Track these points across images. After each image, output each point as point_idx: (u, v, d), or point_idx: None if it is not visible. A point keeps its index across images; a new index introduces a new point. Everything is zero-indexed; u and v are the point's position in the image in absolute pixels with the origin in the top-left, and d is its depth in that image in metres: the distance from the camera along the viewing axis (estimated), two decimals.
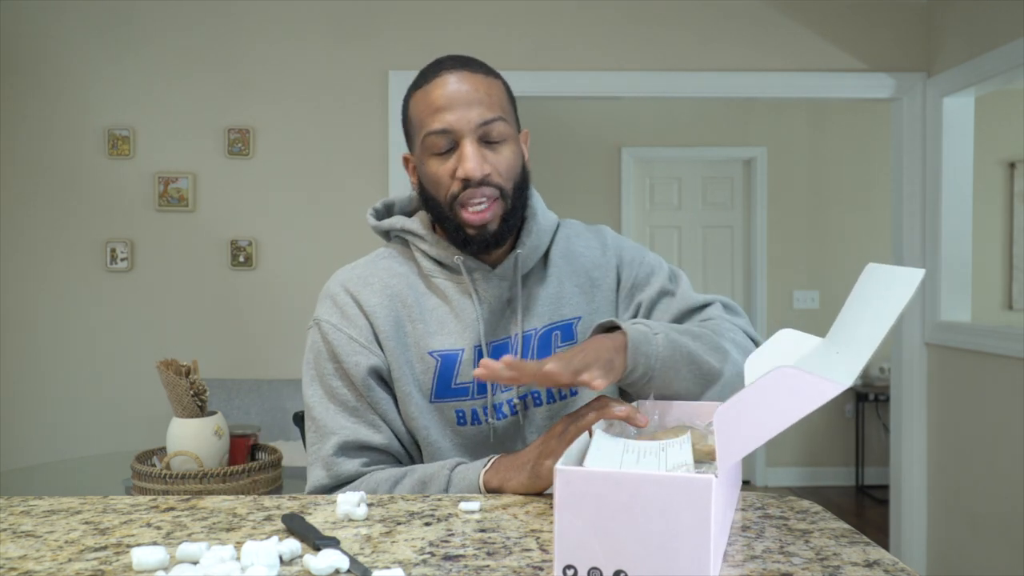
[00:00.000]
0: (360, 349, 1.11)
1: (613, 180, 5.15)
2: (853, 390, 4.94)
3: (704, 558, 0.64)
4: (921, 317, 3.29)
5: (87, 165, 3.14)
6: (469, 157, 1.07)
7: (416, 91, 1.13)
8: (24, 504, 0.93)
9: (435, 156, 1.10)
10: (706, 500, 0.63)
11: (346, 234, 3.13)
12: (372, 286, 1.15)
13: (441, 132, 1.08)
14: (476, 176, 1.07)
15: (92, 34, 3.14)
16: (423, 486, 1.03)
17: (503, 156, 1.10)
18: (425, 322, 1.13)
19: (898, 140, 3.34)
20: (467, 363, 1.11)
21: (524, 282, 1.17)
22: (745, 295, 5.30)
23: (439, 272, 1.15)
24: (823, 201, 5.17)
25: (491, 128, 1.08)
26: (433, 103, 1.09)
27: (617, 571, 0.65)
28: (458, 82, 1.09)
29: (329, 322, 1.14)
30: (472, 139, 1.08)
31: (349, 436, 1.09)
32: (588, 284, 1.20)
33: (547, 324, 1.16)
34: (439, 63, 1.12)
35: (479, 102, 1.08)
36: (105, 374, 3.15)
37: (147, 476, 1.61)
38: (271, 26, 3.16)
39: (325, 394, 1.12)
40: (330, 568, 0.70)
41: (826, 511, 0.90)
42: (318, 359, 1.14)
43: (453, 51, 1.33)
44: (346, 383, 1.11)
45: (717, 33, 3.22)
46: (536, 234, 1.17)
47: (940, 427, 3.23)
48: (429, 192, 1.13)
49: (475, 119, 1.07)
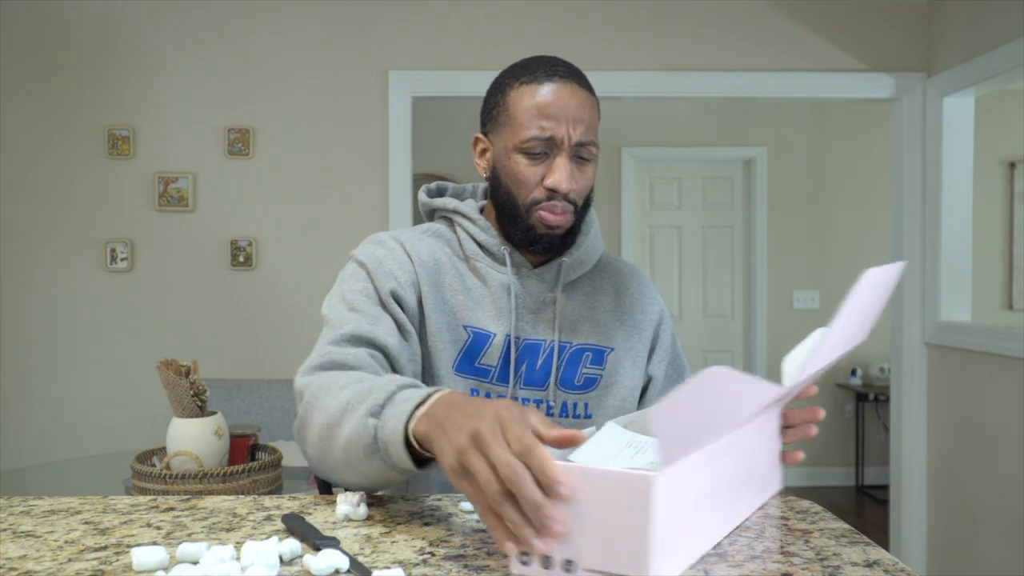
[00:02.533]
0: (393, 278, 1.11)
1: (613, 180, 5.15)
2: (853, 390, 4.95)
3: (643, 556, 0.64)
4: (921, 317, 3.29)
5: (87, 165, 3.14)
6: (562, 172, 1.10)
7: (523, 85, 1.13)
8: (24, 504, 0.93)
9: (526, 156, 1.12)
10: (645, 498, 0.63)
11: (346, 234, 3.13)
12: (419, 245, 1.17)
13: (546, 139, 1.10)
14: (564, 191, 1.10)
15: (92, 34, 3.14)
16: (364, 395, 0.90)
17: (587, 176, 1.14)
18: (466, 296, 1.15)
19: (898, 140, 3.34)
20: (496, 347, 1.14)
21: (568, 293, 1.20)
22: (745, 295, 5.30)
23: (482, 257, 1.18)
24: (823, 201, 5.17)
25: (585, 149, 1.12)
26: (544, 107, 1.10)
27: (567, 560, 0.66)
28: (571, 95, 1.11)
29: (371, 254, 1.14)
30: (568, 154, 1.11)
31: (363, 331, 1.06)
32: (631, 324, 1.24)
33: (583, 343, 1.19)
34: (554, 66, 1.13)
35: (583, 120, 1.11)
36: (105, 374, 3.15)
37: (147, 476, 1.61)
38: (271, 26, 3.16)
39: (345, 305, 1.10)
40: (330, 568, 0.70)
41: (826, 511, 0.90)
42: (343, 281, 1.14)
43: (453, 51, 1.35)
44: (372, 299, 1.10)
45: (717, 33, 3.22)
46: (586, 249, 1.21)
47: (940, 427, 3.23)
48: (507, 187, 1.14)
49: (577, 136, 1.10)
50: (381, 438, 0.83)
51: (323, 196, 3.18)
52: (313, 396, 0.97)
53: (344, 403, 0.90)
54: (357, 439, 0.86)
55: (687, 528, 0.70)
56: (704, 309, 5.34)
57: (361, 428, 0.85)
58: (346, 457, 0.88)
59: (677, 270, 5.33)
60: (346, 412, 0.89)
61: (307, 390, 0.99)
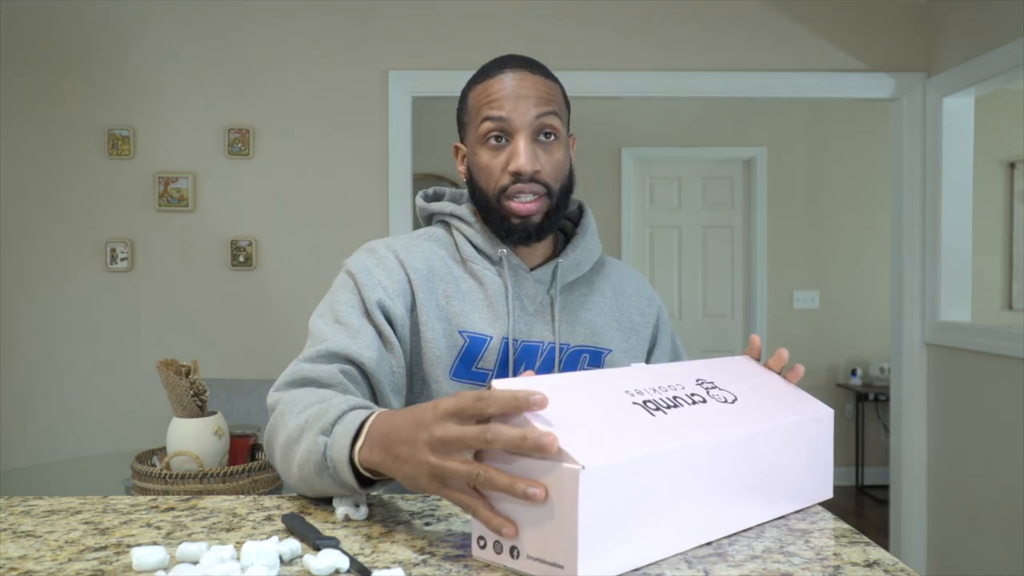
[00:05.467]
0: (381, 289, 1.11)
1: (613, 180, 5.15)
2: (853, 390, 4.95)
3: (573, 546, 0.64)
4: (921, 317, 3.29)
5: (87, 165, 3.14)
6: (522, 152, 1.10)
7: (476, 84, 1.16)
8: (24, 504, 0.93)
9: (488, 147, 1.13)
10: (572, 490, 0.64)
11: (346, 234, 3.13)
12: (415, 253, 1.17)
13: (497, 119, 1.10)
14: (527, 171, 1.10)
15: (92, 34, 3.14)
16: (321, 414, 0.91)
17: (554, 156, 1.13)
18: (461, 301, 1.15)
19: (898, 140, 3.34)
20: (493, 350, 1.13)
21: (565, 294, 1.20)
22: (745, 295, 5.30)
23: (478, 259, 1.17)
24: (823, 201, 5.17)
25: (545, 121, 1.11)
26: (492, 95, 1.12)
27: (512, 547, 0.69)
28: (521, 79, 1.12)
29: (362, 263, 1.14)
30: (526, 135, 1.11)
31: (340, 347, 1.06)
32: (628, 326, 1.25)
33: (580, 345, 1.19)
34: (502, 61, 1.16)
35: (537, 100, 1.11)
36: (105, 374, 3.15)
37: (147, 476, 1.61)
38: (271, 26, 3.16)
39: (330, 316, 1.11)
40: (330, 568, 0.70)
41: (826, 511, 0.90)
42: (333, 292, 1.14)
43: (452, 51, 1.37)
44: (357, 310, 1.10)
45: (717, 33, 3.22)
46: (582, 250, 1.21)
47: (940, 427, 3.23)
48: (478, 182, 1.15)
49: (533, 113, 1.10)
50: (330, 456, 0.85)
51: (323, 196, 3.17)
52: (280, 414, 0.99)
53: (303, 422, 0.92)
54: (310, 456, 0.88)
55: (641, 524, 0.70)
56: (704, 309, 5.34)
57: (313, 446, 0.88)
58: (301, 474, 0.90)
59: (677, 270, 5.33)
60: (304, 431, 0.91)
61: (277, 406, 1.02)
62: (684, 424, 0.78)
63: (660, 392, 0.83)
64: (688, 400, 0.84)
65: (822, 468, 0.93)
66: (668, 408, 0.81)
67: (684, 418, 0.80)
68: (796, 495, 0.89)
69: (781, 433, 0.87)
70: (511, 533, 0.67)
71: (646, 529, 0.70)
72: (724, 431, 0.80)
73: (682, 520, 0.74)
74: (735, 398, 0.89)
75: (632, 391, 0.82)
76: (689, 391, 0.86)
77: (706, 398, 0.86)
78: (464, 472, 0.70)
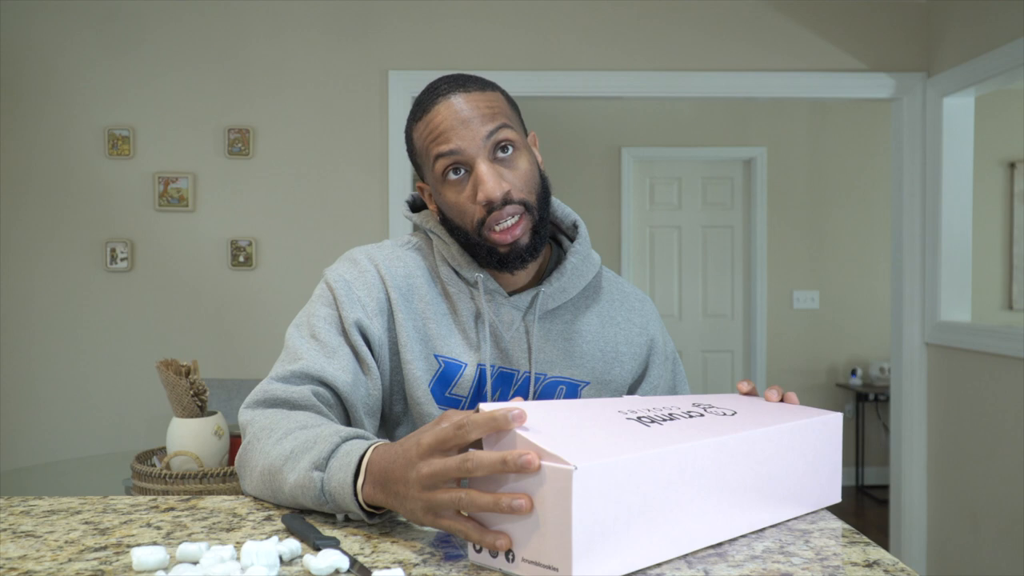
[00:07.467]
0: (360, 307, 1.08)
1: (613, 180, 5.15)
2: (853, 390, 4.95)
3: (566, 551, 0.64)
4: (921, 317, 3.29)
5: (87, 165, 3.14)
6: (486, 179, 1.03)
7: (416, 122, 1.09)
8: (24, 504, 0.93)
9: (449, 184, 1.07)
10: (566, 491, 0.63)
11: (346, 234, 3.13)
12: (396, 266, 1.13)
13: (449, 154, 1.04)
14: (497, 197, 1.03)
15: (91, 34, 3.14)
16: (309, 446, 0.90)
17: (519, 170, 1.07)
18: (437, 324, 1.11)
19: (898, 140, 3.34)
20: (467, 378, 1.10)
21: (546, 322, 1.14)
22: (745, 295, 5.30)
23: (455, 282, 1.12)
24: (823, 201, 5.17)
25: (497, 137, 1.05)
26: (435, 129, 1.06)
27: (508, 550, 0.69)
28: (456, 104, 1.05)
29: (342, 276, 1.11)
30: (484, 159, 1.04)
31: (314, 368, 1.04)
32: (612, 355, 1.18)
33: (557, 376, 1.14)
34: (434, 89, 1.09)
35: (481, 118, 1.05)
36: (105, 374, 3.15)
37: (147, 476, 1.61)
38: (271, 26, 3.16)
39: (308, 330, 1.09)
40: (330, 568, 0.70)
41: (826, 511, 0.90)
42: (312, 303, 1.12)
43: (453, 51, 1.34)
44: (334, 327, 1.08)
45: (717, 33, 3.22)
46: (569, 276, 1.14)
47: (940, 427, 3.23)
48: (453, 221, 1.10)
49: (481, 135, 1.04)
50: (328, 490, 0.85)
51: (323, 196, 3.17)
52: (255, 436, 0.98)
53: (288, 452, 0.91)
54: (304, 490, 0.87)
55: (638, 527, 0.69)
56: (704, 309, 5.34)
57: (306, 480, 0.86)
58: (294, 501, 0.89)
59: (677, 270, 5.33)
60: (289, 461, 0.90)
61: (249, 427, 1.00)
62: (682, 430, 0.78)
63: (655, 412, 0.83)
64: (685, 416, 0.84)
65: (830, 472, 0.91)
66: (664, 421, 0.80)
67: (681, 426, 0.79)
68: (802, 499, 0.88)
69: (786, 434, 0.85)
70: (505, 546, 0.68)
71: (643, 532, 0.69)
72: (725, 434, 0.78)
73: (682, 523, 0.73)
74: (735, 412, 0.88)
75: (625, 411, 0.82)
76: (685, 410, 0.86)
77: (704, 414, 0.86)
78: (449, 501, 0.71)
